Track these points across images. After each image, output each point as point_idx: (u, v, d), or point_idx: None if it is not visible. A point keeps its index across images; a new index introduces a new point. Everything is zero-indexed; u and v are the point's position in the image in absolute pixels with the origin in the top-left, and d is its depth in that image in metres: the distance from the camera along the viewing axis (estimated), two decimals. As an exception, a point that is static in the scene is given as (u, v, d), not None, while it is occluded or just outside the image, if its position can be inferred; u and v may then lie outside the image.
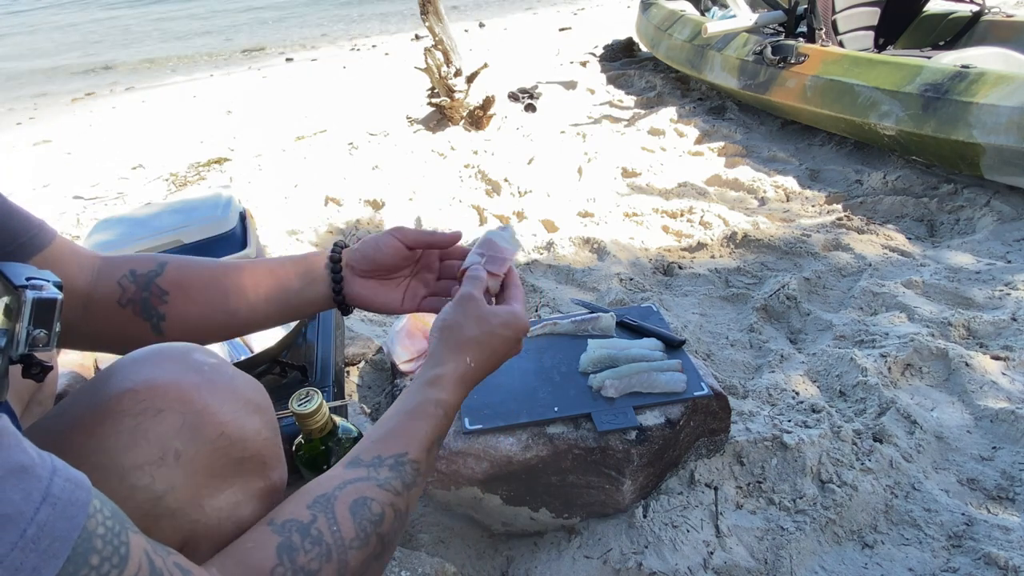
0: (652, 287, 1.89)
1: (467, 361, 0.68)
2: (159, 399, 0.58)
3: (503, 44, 6.33)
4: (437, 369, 0.67)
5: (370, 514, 0.54)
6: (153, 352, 0.65)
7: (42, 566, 0.33)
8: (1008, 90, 1.99)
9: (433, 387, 0.65)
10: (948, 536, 1.05)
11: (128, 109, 5.59)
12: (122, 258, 0.76)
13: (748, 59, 3.07)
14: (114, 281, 0.72)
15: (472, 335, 0.70)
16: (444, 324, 0.71)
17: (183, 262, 0.76)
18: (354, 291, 0.78)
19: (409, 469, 0.59)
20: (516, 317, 0.74)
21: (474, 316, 0.71)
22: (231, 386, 0.65)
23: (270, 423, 0.68)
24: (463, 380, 0.68)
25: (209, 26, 11.68)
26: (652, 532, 1.05)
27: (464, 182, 2.88)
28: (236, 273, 0.77)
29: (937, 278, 1.79)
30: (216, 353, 0.71)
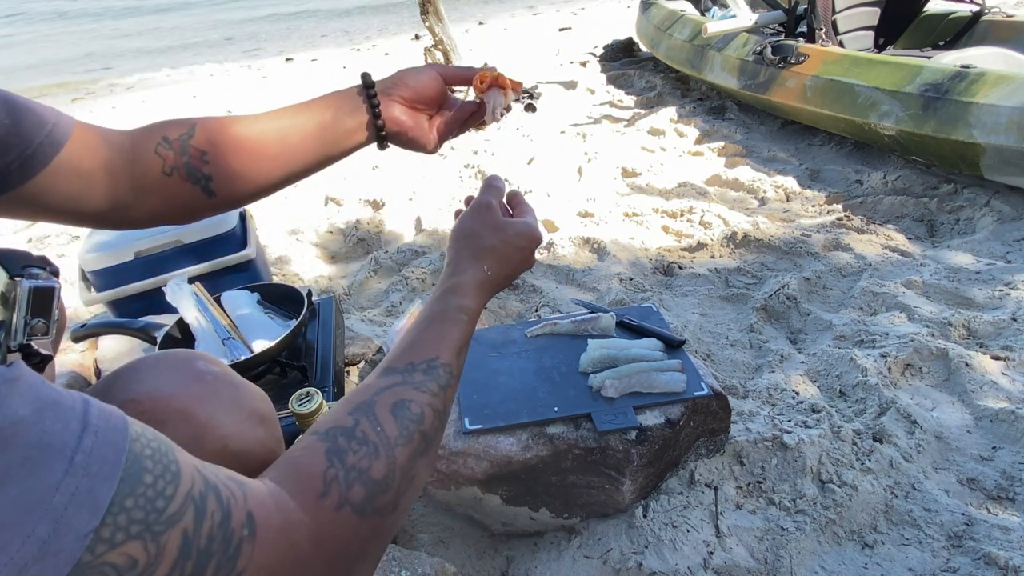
0: (652, 287, 1.89)
1: (484, 269, 0.69)
2: (160, 411, 0.58)
3: (503, 44, 6.33)
4: (457, 277, 0.68)
5: (411, 414, 0.54)
6: (156, 360, 0.65)
7: (97, 488, 0.33)
8: (1008, 90, 1.99)
9: (454, 294, 0.66)
10: (948, 536, 1.05)
11: (128, 109, 5.60)
12: (150, 128, 0.72)
13: (748, 59, 3.07)
14: (151, 151, 0.69)
15: (489, 243, 0.71)
16: (461, 232, 0.72)
17: (211, 122, 0.72)
18: (394, 115, 0.76)
19: (442, 372, 0.59)
20: (530, 228, 0.75)
21: (491, 225, 0.72)
22: (235, 397, 0.64)
23: (275, 434, 0.68)
24: (482, 287, 0.68)
25: (209, 26, 11.68)
26: (652, 532, 1.05)
27: (464, 182, 2.88)
28: (267, 118, 0.74)
29: (937, 278, 1.79)
30: (221, 360, 0.71)
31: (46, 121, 0.62)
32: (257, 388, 0.70)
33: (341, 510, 0.46)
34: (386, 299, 1.99)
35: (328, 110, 0.75)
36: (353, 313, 1.90)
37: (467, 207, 0.76)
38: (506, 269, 0.72)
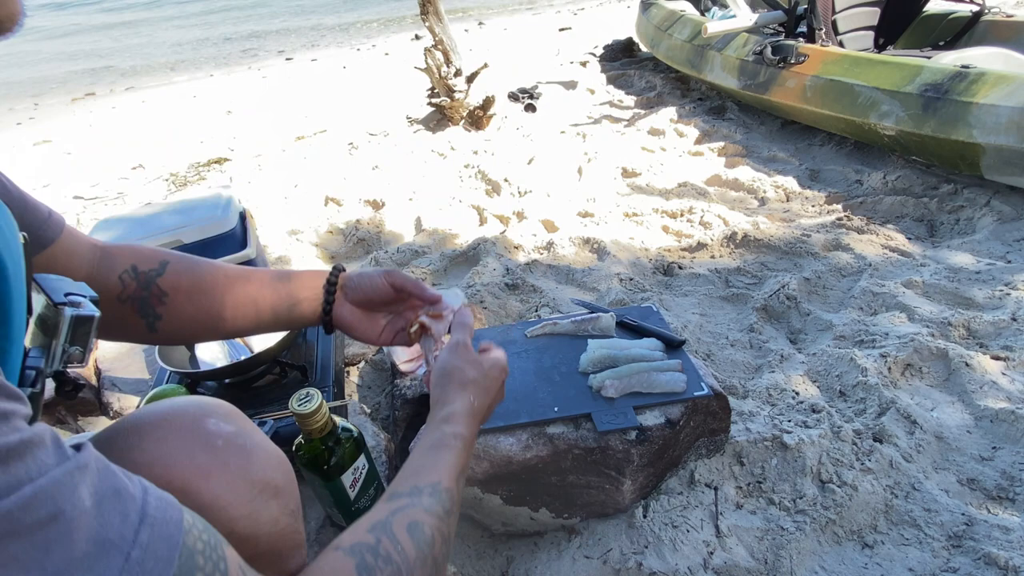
0: (652, 287, 1.89)
1: (471, 399, 0.73)
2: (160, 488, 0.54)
3: (503, 44, 6.33)
4: (448, 407, 0.72)
5: (424, 536, 0.56)
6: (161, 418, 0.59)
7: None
8: (1008, 90, 1.99)
9: (448, 423, 0.69)
10: (948, 536, 1.05)
11: (128, 109, 5.60)
12: (125, 249, 0.75)
13: (748, 59, 3.07)
14: (115, 275, 0.73)
15: (471, 376, 0.75)
16: (445, 369, 0.76)
17: (183, 265, 0.77)
18: (341, 315, 0.84)
19: (445, 496, 0.61)
20: (501, 361, 0.80)
21: (470, 360, 0.77)
22: (245, 468, 0.60)
23: (289, 506, 0.64)
24: (471, 415, 0.72)
25: (209, 26, 11.68)
26: (652, 532, 1.05)
27: (464, 182, 2.88)
28: (233, 283, 0.79)
29: (937, 278, 1.79)
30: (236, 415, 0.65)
31: (40, 218, 0.66)
32: (273, 448, 0.65)
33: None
34: (386, 299, 1.98)
35: (289, 298, 0.82)
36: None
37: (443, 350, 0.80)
38: (486, 400, 0.76)
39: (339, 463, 0.92)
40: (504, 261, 2.04)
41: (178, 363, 1.26)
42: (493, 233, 2.29)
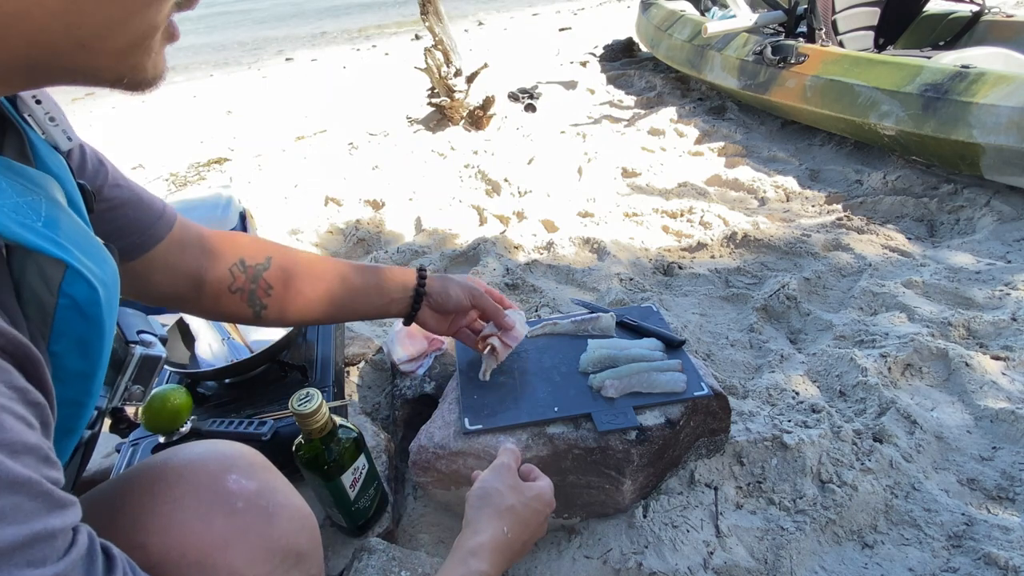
0: (652, 287, 1.89)
1: (504, 531, 0.69)
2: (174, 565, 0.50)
3: (503, 44, 6.33)
4: (477, 538, 0.68)
5: None
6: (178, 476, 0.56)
7: None
8: (1008, 90, 1.99)
9: (474, 557, 0.65)
10: (948, 536, 1.05)
11: (128, 109, 5.60)
12: (229, 240, 0.82)
13: (748, 59, 3.07)
14: (225, 267, 0.80)
15: (509, 503, 0.72)
16: (482, 491, 0.74)
17: (287, 260, 0.85)
18: (423, 317, 0.99)
19: None
20: (547, 492, 0.78)
21: (510, 484, 0.75)
22: (268, 533, 0.56)
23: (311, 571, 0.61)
24: (501, 551, 0.68)
25: (208, 26, 11.68)
26: (652, 532, 1.05)
27: (464, 182, 2.88)
28: (332, 279, 0.88)
29: (937, 278, 1.79)
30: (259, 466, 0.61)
31: (155, 215, 0.71)
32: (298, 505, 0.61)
33: None
34: (386, 299, 1.98)
35: (380, 299, 0.93)
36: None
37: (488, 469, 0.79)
38: (524, 534, 0.72)
39: (339, 463, 0.92)
40: (504, 261, 2.04)
41: (178, 363, 1.26)
42: (493, 233, 2.29)
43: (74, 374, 0.44)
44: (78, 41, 0.38)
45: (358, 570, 0.94)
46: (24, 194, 0.42)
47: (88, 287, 0.43)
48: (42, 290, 0.40)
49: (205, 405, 1.21)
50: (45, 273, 0.41)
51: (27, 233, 0.39)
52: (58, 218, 0.43)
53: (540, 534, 0.76)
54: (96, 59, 0.40)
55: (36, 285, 0.40)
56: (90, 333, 0.44)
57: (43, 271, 0.40)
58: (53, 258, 0.41)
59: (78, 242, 0.44)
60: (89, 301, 0.43)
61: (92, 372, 0.45)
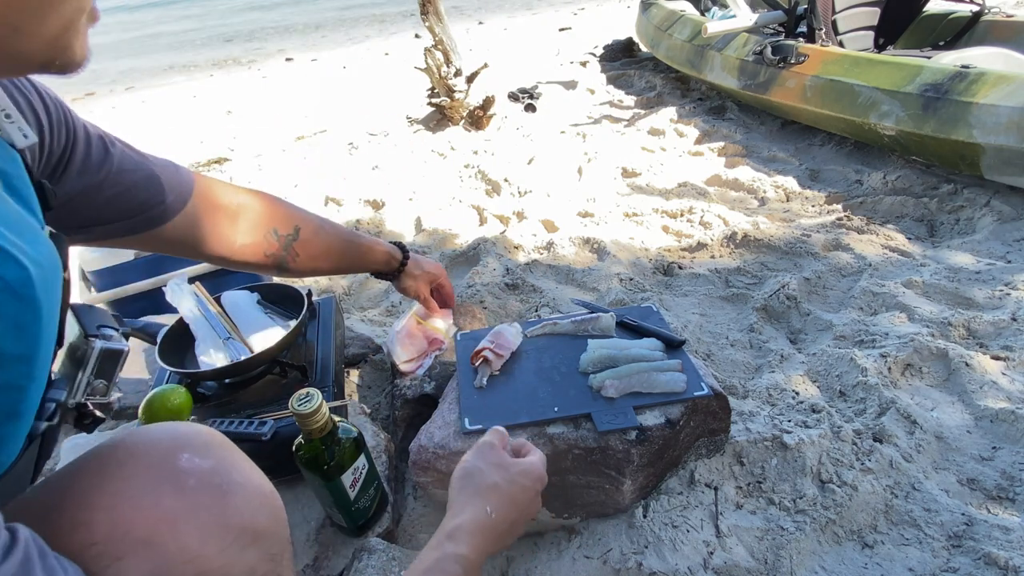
0: (652, 287, 1.89)
1: (487, 510, 0.64)
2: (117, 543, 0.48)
3: (503, 44, 6.33)
4: (455, 519, 0.63)
5: None
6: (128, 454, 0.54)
7: None
8: (1008, 90, 1.99)
9: (451, 541, 0.61)
10: (948, 536, 1.05)
11: (128, 109, 5.60)
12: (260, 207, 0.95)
13: (748, 59, 3.07)
14: (261, 234, 0.94)
15: (492, 481, 0.67)
16: (464, 471, 0.70)
17: (311, 231, 1.02)
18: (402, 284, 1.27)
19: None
20: (536, 466, 0.72)
21: (494, 462, 0.70)
22: (220, 509, 0.54)
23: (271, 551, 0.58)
24: (483, 532, 0.62)
25: (208, 26, 11.68)
26: (652, 532, 1.05)
27: (464, 182, 2.88)
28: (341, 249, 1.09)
29: (937, 278, 1.79)
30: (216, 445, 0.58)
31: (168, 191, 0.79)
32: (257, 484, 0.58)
33: None
34: (386, 299, 1.99)
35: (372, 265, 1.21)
36: (353, 313, 1.90)
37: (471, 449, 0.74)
38: (511, 512, 0.66)
39: (339, 463, 0.92)
40: (504, 261, 2.04)
41: (178, 363, 1.26)
42: (493, 233, 2.29)
43: (10, 357, 0.43)
44: (13, 25, 0.40)
45: (358, 570, 0.94)
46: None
47: (18, 267, 0.43)
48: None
49: (205, 405, 1.21)
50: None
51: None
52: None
53: (532, 513, 0.71)
54: (30, 42, 0.42)
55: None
56: (24, 315, 0.44)
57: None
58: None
59: (9, 224, 0.44)
60: (21, 281, 0.43)
61: (30, 355, 0.45)
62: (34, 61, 0.44)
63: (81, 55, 0.47)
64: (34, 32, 0.41)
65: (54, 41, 0.43)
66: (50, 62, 0.45)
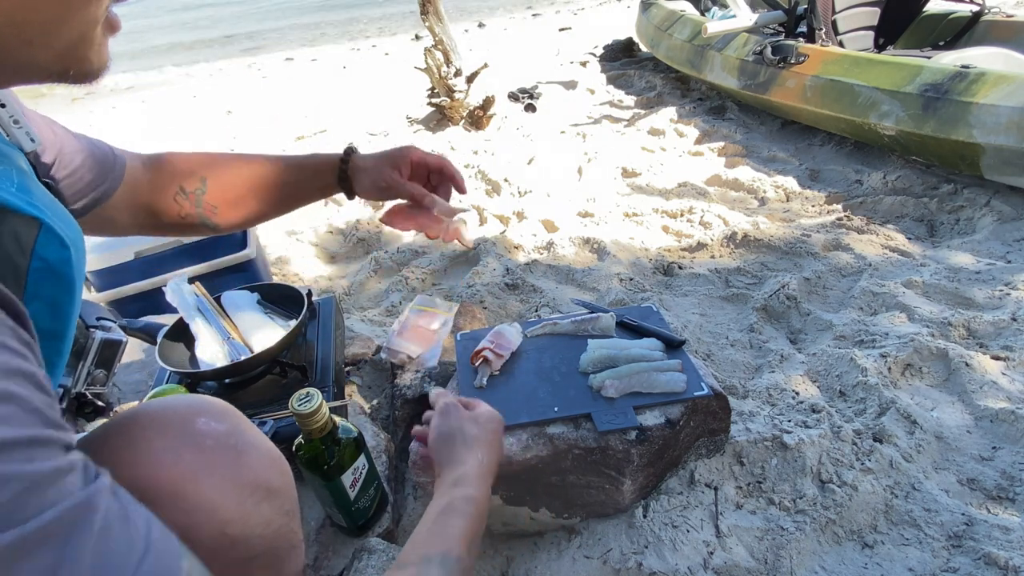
0: (652, 287, 1.89)
1: (480, 457, 0.72)
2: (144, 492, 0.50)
3: (503, 44, 6.33)
4: (460, 468, 0.70)
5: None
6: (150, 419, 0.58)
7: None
8: (1008, 90, 1.99)
9: (459, 486, 0.68)
10: (948, 536, 1.05)
11: (128, 109, 5.60)
12: (165, 166, 0.85)
13: (748, 59, 3.07)
14: (170, 198, 0.84)
15: (473, 434, 0.75)
16: (443, 434, 0.76)
17: (223, 178, 0.87)
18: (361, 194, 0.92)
19: (455, 567, 0.59)
20: (491, 410, 0.82)
21: (466, 419, 0.78)
22: (235, 468, 0.58)
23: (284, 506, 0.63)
24: (482, 476, 0.70)
25: (208, 26, 11.68)
26: (652, 532, 1.05)
27: (464, 182, 2.88)
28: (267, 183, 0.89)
29: (937, 278, 1.79)
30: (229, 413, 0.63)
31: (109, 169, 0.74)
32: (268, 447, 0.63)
33: None
34: (386, 299, 1.99)
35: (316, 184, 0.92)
36: (353, 313, 1.90)
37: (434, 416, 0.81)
38: (493, 456, 0.75)
39: (339, 463, 0.92)
40: (504, 261, 2.04)
41: (178, 363, 1.26)
42: (493, 233, 2.29)
43: (45, 334, 0.45)
44: (25, 38, 0.40)
45: (358, 570, 0.94)
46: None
47: (61, 246, 0.46)
48: (16, 252, 0.42)
49: (205, 405, 1.21)
50: (19, 236, 0.43)
51: (3, 194, 0.42)
52: (29, 185, 0.46)
53: (500, 451, 0.80)
54: (42, 54, 0.42)
55: (10, 247, 0.42)
56: (61, 293, 0.46)
57: (16, 234, 0.43)
58: (28, 217, 0.43)
59: (49, 205, 0.47)
60: (61, 260, 0.46)
61: (62, 332, 0.47)
62: (47, 71, 0.44)
63: (98, 65, 0.47)
64: (46, 44, 0.41)
65: (66, 53, 0.43)
66: (64, 72, 0.45)
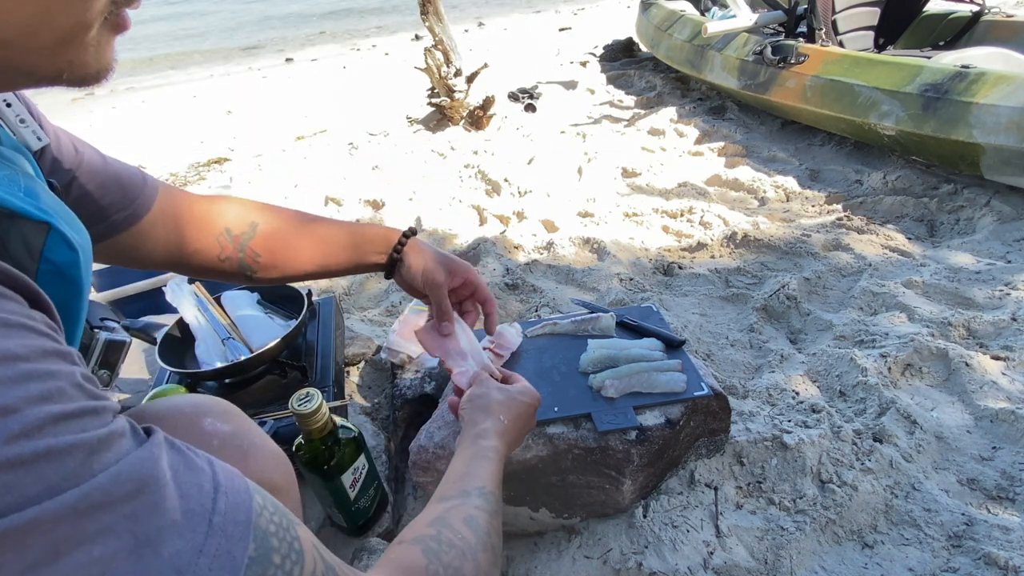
0: (652, 287, 1.89)
1: (500, 419, 0.77)
2: None
3: (503, 44, 6.33)
4: (479, 427, 0.75)
5: (480, 526, 0.58)
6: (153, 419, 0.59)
7: (233, 549, 0.34)
8: (1008, 90, 1.99)
9: (481, 438, 0.73)
10: (948, 536, 1.05)
11: (128, 109, 5.59)
12: (216, 208, 0.83)
13: (748, 59, 3.07)
14: (212, 238, 0.82)
15: (496, 398, 0.80)
16: (471, 397, 0.81)
17: (272, 226, 0.85)
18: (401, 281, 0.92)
19: (491, 498, 0.63)
20: (528, 387, 0.85)
21: (494, 386, 0.82)
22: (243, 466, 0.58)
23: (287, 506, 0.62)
24: (501, 434, 0.75)
25: (209, 26, 11.68)
26: (652, 532, 1.05)
27: (464, 182, 2.88)
28: (317, 242, 0.88)
29: (937, 278, 1.79)
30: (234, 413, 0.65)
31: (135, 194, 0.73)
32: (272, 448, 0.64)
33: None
34: (386, 299, 1.99)
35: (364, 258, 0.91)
36: (353, 313, 1.90)
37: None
38: (517, 422, 0.79)
39: (339, 463, 0.92)
40: (504, 261, 2.04)
41: (178, 363, 1.26)
42: (493, 233, 2.29)
43: None
44: (2, 40, 0.39)
45: (358, 570, 0.94)
46: (2, 168, 0.45)
47: (69, 249, 0.46)
48: (24, 256, 0.43)
49: (205, 405, 1.21)
50: (27, 239, 0.43)
51: (12, 199, 0.42)
52: (36, 189, 0.47)
53: (531, 425, 0.84)
54: (26, 56, 0.41)
55: (18, 252, 0.42)
56: (69, 296, 0.47)
57: (25, 238, 0.43)
58: (36, 221, 0.43)
59: (57, 210, 0.47)
60: (69, 263, 0.46)
61: (70, 334, 0.47)
62: (39, 74, 0.43)
63: (97, 68, 0.45)
64: (27, 47, 0.40)
65: (55, 55, 0.42)
66: (57, 75, 0.43)
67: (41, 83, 0.44)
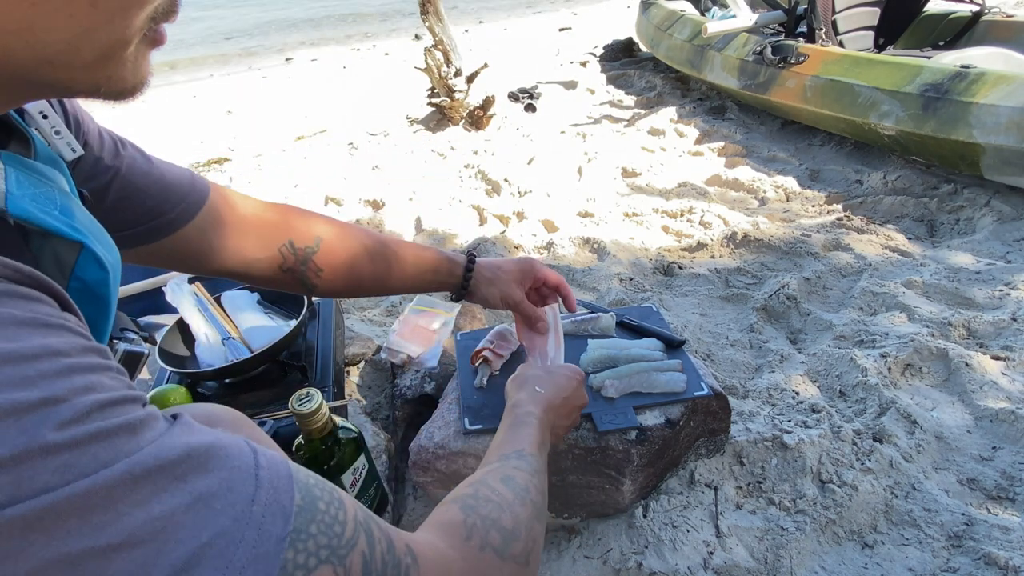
0: (652, 287, 1.89)
1: (536, 389, 0.82)
2: None
3: (503, 44, 6.33)
4: (515, 398, 0.81)
5: (518, 485, 0.61)
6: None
7: (282, 498, 0.37)
8: (1008, 90, 1.99)
9: (517, 407, 0.78)
10: (948, 536, 1.05)
11: (128, 109, 5.58)
12: (281, 218, 0.84)
13: (748, 59, 3.07)
14: (275, 248, 0.83)
15: (532, 373, 0.86)
16: (512, 378, 0.88)
17: (336, 243, 0.87)
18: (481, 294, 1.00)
19: (531, 459, 0.67)
20: (570, 365, 0.91)
21: (537, 367, 0.89)
22: None
23: None
24: (537, 402, 0.79)
25: (209, 25, 11.68)
26: (652, 532, 1.05)
27: (464, 182, 2.88)
28: (383, 263, 0.91)
29: (937, 278, 1.79)
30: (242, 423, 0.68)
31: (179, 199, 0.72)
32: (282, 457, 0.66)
33: (484, 552, 0.52)
34: (386, 299, 1.99)
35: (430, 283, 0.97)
36: (353, 313, 1.90)
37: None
38: (558, 392, 0.83)
39: (339, 463, 0.92)
40: (504, 261, 2.03)
41: (178, 363, 1.26)
42: (493, 233, 2.29)
43: None
44: (43, 58, 0.39)
45: (358, 570, 0.94)
46: (39, 186, 0.45)
47: (99, 268, 0.47)
48: (55, 274, 0.44)
49: (205, 405, 1.21)
50: (60, 257, 0.44)
51: (47, 218, 0.43)
52: (71, 207, 0.48)
53: (579, 398, 0.88)
54: (66, 73, 0.41)
55: (50, 269, 0.43)
56: (96, 313, 0.48)
57: (58, 256, 0.44)
58: (69, 240, 0.45)
59: (90, 228, 0.48)
60: (99, 281, 0.47)
61: None
62: (77, 90, 0.43)
63: (134, 82, 0.45)
64: (67, 64, 0.40)
65: (94, 71, 0.42)
66: (95, 90, 0.44)
67: (77, 96, 0.45)
